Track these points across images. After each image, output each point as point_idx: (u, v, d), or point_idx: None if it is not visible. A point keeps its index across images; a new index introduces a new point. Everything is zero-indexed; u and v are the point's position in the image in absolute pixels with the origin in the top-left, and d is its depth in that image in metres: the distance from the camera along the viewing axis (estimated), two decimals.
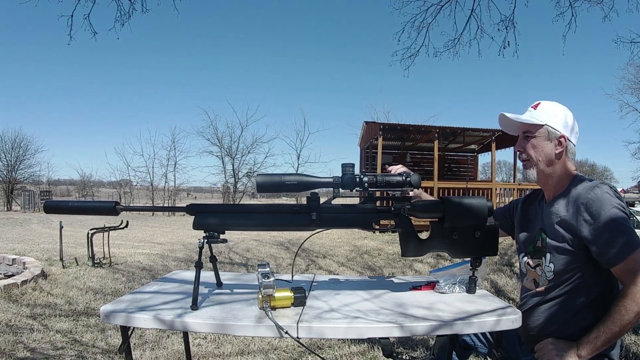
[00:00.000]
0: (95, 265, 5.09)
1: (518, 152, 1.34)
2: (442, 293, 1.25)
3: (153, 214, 17.22)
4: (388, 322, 0.99)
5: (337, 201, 1.18)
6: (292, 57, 56.77)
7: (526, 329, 1.28)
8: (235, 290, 1.27)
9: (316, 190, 1.17)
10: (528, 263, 1.31)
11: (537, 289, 1.27)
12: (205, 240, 1.12)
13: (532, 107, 1.33)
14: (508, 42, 4.85)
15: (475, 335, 1.41)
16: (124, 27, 4.33)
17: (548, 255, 1.23)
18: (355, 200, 1.76)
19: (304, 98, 59.86)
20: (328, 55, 58.01)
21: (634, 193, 29.68)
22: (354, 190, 1.13)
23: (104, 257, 5.32)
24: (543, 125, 1.27)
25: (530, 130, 1.29)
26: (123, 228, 5.46)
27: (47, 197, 19.95)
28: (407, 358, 1.08)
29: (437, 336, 1.03)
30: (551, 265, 1.21)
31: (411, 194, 1.40)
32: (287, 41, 57.70)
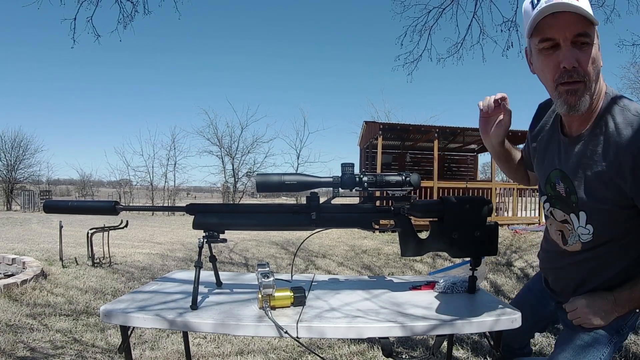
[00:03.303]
0: (95, 265, 5.09)
1: (567, 72, 0.89)
2: (441, 293, 1.25)
3: (153, 214, 17.21)
4: (388, 321, 0.99)
5: (336, 201, 1.18)
6: (292, 56, 56.82)
7: (555, 286, 1.15)
8: (235, 290, 1.27)
9: (316, 190, 1.17)
10: (551, 212, 1.07)
11: (569, 249, 1.05)
12: (205, 240, 1.13)
13: None
14: (512, 42, 4.85)
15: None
16: (126, 29, 4.34)
17: (583, 215, 0.98)
18: (355, 200, 1.76)
19: (304, 98, 60.07)
20: (328, 55, 58.07)
21: None
22: (354, 190, 1.13)
23: (103, 257, 5.32)
24: (597, 24, 0.88)
25: (588, 33, 0.87)
26: (123, 228, 5.46)
27: (47, 196, 19.94)
28: (407, 358, 1.08)
29: (437, 336, 1.03)
30: (589, 227, 0.98)
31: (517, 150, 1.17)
32: (287, 41, 57.76)
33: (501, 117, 1.09)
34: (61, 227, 5.46)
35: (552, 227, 1.11)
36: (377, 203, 1.20)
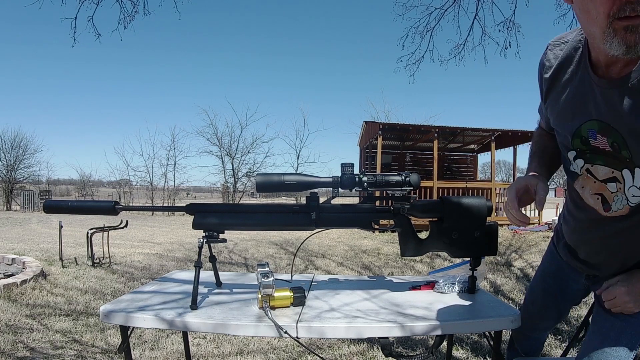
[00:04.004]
0: (95, 265, 5.09)
1: (629, 5, 0.69)
2: (441, 293, 1.25)
3: (152, 214, 17.21)
4: (388, 321, 0.99)
5: (336, 201, 1.18)
6: (292, 56, 56.87)
7: (591, 259, 1.04)
8: (234, 290, 1.27)
9: (315, 190, 1.17)
10: (589, 170, 0.92)
11: (612, 214, 0.91)
12: (205, 240, 1.13)
13: None
14: (509, 42, 4.86)
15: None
16: (126, 29, 4.35)
17: (639, 172, 0.84)
18: (355, 200, 1.76)
19: (304, 97, 60.16)
20: (328, 54, 58.09)
21: None
22: (354, 190, 1.13)
23: (103, 257, 5.32)
24: None
25: None
26: (122, 228, 5.46)
27: (47, 196, 19.94)
28: (407, 357, 1.08)
29: (437, 336, 1.03)
30: None
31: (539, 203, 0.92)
32: (287, 40, 57.79)
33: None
34: (61, 227, 5.45)
35: (586, 190, 0.95)
36: (377, 203, 1.20)
